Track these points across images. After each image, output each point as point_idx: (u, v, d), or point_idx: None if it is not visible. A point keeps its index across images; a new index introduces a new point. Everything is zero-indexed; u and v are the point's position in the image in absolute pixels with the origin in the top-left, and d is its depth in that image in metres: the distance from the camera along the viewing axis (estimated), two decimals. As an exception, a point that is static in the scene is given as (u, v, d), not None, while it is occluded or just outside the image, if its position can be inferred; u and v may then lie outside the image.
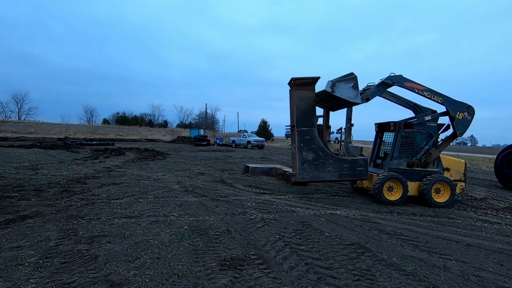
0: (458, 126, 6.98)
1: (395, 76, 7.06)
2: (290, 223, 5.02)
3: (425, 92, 6.98)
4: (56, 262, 3.20)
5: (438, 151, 7.13)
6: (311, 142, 7.08)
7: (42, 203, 5.69)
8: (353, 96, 6.78)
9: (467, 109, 6.98)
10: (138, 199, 6.38)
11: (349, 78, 6.86)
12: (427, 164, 7.17)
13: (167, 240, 3.99)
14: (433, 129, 7.23)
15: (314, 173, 7.05)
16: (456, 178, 7.28)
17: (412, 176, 7.01)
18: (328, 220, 5.32)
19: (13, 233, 4.03)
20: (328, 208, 6.23)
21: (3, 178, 8.12)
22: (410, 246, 4.18)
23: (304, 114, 7.09)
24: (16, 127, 39.07)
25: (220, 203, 6.29)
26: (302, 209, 6.08)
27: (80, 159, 13.79)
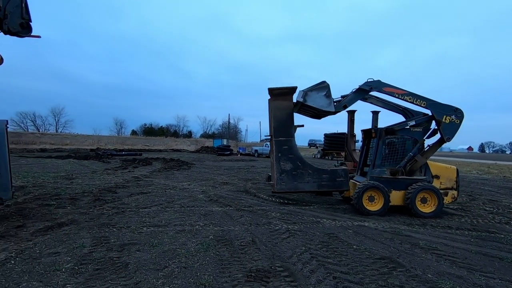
0: (445, 131, 6.57)
1: (373, 81, 6.85)
2: (316, 235, 4.90)
3: (406, 96, 6.67)
4: (90, 269, 3.34)
5: (424, 157, 6.71)
6: (289, 152, 7.00)
7: (77, 211, 6.00)
8: (325, 104, 6.71)
9: (454, 112, 6.56)
10: (165, 208, 6.55)
11: (321, 87, 6.82)
12: (413, 172, 6.74)
13: (193, 250, 4.04)
14: (418, 134, 6.78)
15: (292, 183, 6.98)
16: (448, 186, 6.75)
17: (396, 184, 6.59)
18: (356, 232, 5.14)
19: (52, 240, 4.28)
20: (355, 220, 6.01)
21: (42, 187, 8.69)
22: (446, 262, 3.91)
23: (281, 124, 7.04)
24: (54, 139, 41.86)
25: (245, 213, 6.29)
26: (328, 220, 5.93)
27: (111, 169, 14.45)
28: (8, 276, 3.11)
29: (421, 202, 6.40)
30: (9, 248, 3.89)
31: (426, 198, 6.41)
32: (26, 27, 5.59)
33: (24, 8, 5.52)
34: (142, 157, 24.32)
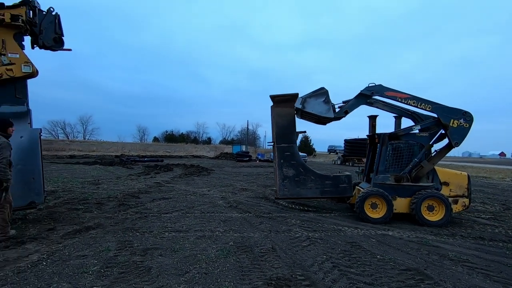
0: (453, 135, 6.30)
1: (374, 86, 6.72)
2: (337, 243, 4.79)
3: (409, 100, 6.49)
4: (115, 272, 3.45)
5: (431, 163, 6.44)
6: (291, 158, 7.02)
7: (103, 215, 6.23)
8: (324, 111, 6.73)
9: (463, 115, 6.28)
10: (185, 213, 6.65)
11: (320, 93, 6.85)
12: (419, 178, 6.50)
13: (213, 256, 4.06)
14: (424, 139, 6.54)
15: (295, 189, 7.00)
16: (458, 193, 6.38)
17: (402, 191, 6.38)
18: (379, 242, 4.96)
19: (80, 243, 4.46)
20: (379, 228, 5.81)
21: (71, 191, 9.12)
22: (479, 276, 3.68)
23: (283, 130, 7.08)
24: (81, 146, 43.97)
25: (264, 220, 6.26)
26: (349, 228, 5.77)
27: (134, 175, 14.92)
28: (40, 277, 3.27)
29: (427, 210, 6.15)
30: (41, 250, 4.10)
31: (433, 206, 6.15)
32: (59, 42, 5.96)
33: (57, 24, 5.90)
34: (164, 163, 24.94)
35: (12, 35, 5.35)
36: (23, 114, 5.39)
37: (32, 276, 3.29)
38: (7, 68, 5.22)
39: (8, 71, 5.22)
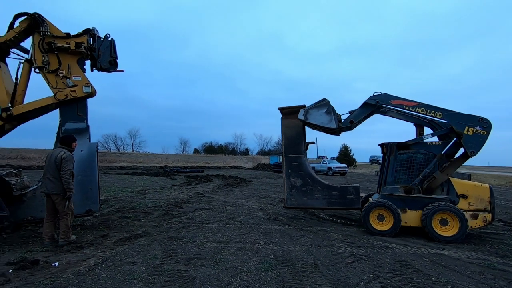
0: (468, 144, 5.84)
1: (379, 95, 6.56)
2: (385, 261, 4.47)
3: (417, 108, 6.22)
4: (162, 280, 3.59)
5: (445, 174, 6.01)
6: (299, 169, 7.16)
7: (150, 224, 6.59)
8: (326, 121, 6.75)
9: (479, 122, 5.82)
10: (226, 224, 6.76)
11: (322, 104, 6.91)
12: (433, 190, 6.08)
13: (254, 268, 4.04)
14: (436, 148, 6.15)
15: (302, 199, 7.11)
16: (478, 207, 5.81)
17: (412, 203, 6.01)
18: (433, 262, 4.53)
19: (129, 250, 4.75)
20: (432, 247, 5.32)
21: (122, 200, 9.81)
22: (561, 308, 3.16)
23: (291, 141, 7.31)
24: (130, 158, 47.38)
25: (305, 233, 6.10)
26: (398, 245, 5.37)
27: (177, 185, 15.63)
28: (96, 281, 3.53)
29: (440, 224, 5.72)
30: (97, 255, 4.44)
31: (447, 220, 5.70)
32: (114, 64, 6.57)
33: (112, 48, 6.52)
34: (204, 174, 25.78)
35: (76, 60, 6.05)
36: (83, 130, 6.00)
37: (90, 279, 3.57)
38: (71, 90, 5.89)
39: (72, 92, 5.88)
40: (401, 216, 5.98)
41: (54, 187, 4.88)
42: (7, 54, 5.98)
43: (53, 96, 5.83)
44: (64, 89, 5.86)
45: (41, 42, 5.72)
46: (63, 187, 4.87)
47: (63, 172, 4.85)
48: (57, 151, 5.03)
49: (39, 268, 3.88)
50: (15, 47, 6.00)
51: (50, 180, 4.89)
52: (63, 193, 4.90)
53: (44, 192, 4.97)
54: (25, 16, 5.68)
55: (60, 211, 4.95)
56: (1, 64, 5.86)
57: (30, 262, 3.96)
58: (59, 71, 5.85)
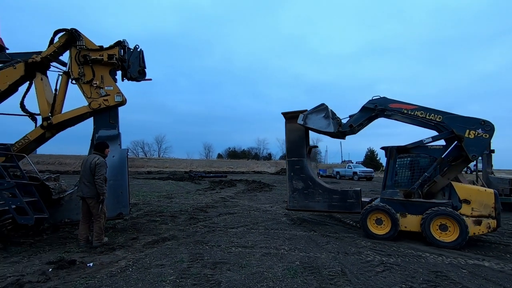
0: (469, 147, 5.66)
1: (378, 99, 6.57)
2: (418, 271, 4.24)
3: (416, 111, 6.17)
4: (189, 283, 3.66)
5: (446, 178, 5.89)
6: (301, 172, 7.36)
7: (176, 228, 6.75)
8: (324, 125, 6.89)
9: (481, 125, 5.66)
10: (250, 229, 6.76)
11: (320, 109, 7.02)
12: (433, 195, 6.00)
13: (280, 275, 4.00)
14: (437, 152, 6.05)
15: (303, 202, 7.29)
16: (482, 213, 5.56)
17: (412, 208, 5.95)
18: (472, 274, 4.23)
19: (158, 252, 4.89)
20: (470, 257, 4.97)
21: (149, 204, 10.15)
22: None
23: (293, 145, 7.55)
24: (157, 163, 49.01)
25: (331, 240, 5.96)
26: (432, 254, 5.07)
27: (202, 190, 15.91)
28: (128, 282, 3.67)
29: (440, 229, 5.62)
30: (128, 257, 4.62)
31: (447, 225, 5.58)
32: (142, 73, 6.87)
33: (141, 59, 6.83)
34: (227, 179, 26.06)
35: (108, 71, 6.40)
36: (115, 137, 6.31)
37: (121, 280, 3.71)
38: (104, 99, 6.23)
39: (105, 101, 6.22)
40: (400, 221, 5.97)
41: (89, 191, 5.16)
42: (48, 67, 6.46)
43: (88, 105, 6.20)
44: (98, 99, 6.21)
45: (77, 55, 6.13)
46: (97, 191, 5.14)
47: (97, 177, 5.12)
48: (91, 157, 5.33)
49: (75, 268, 4.09)
50: (55, 61, 6.47)
51: (85, 184, 5.19)
52: (97, 197, 5.17)
53: (80, 195, 5.27)
54: (64, 32, 6.12)
55: (94, 214, 5.21)
56: (42, 76, 6.33)
57: (68, 262, 4.20)
58: (93, 82, 6.22)
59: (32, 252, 4.82)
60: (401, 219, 5.99)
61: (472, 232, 5.55)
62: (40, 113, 6.15)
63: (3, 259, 4.47)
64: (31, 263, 4.29)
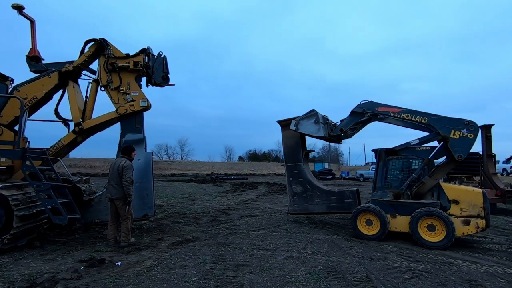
0: (455, 148, 5.76)
1: (365, 103, 6.76)
2: (450, 279, 4.02)
3: (403, 114, 6.31)
4: (212, 285, 3.70)
5: (433, 179, 6.03)
6: (299, 176, 7.57)
7: (199, 229, 6.87)
8: (315, 130, 7.06)
9: (465, 125, 5.75)
10: (272, 232, 6.74)
11: (311, 115, 7.20)
12: (422, 195, 6.13)
13: (303, 279, 3.95)
14: (425, 153, 6.18)
15: (303, 205, 7.49)
16: (471, 213, 5.63)
17: (401, 209, 6.05)
18: (511, 284, 3.94)
19: (181, 253, 5.00)
20: (509, 266, 4.64)
21: (173, 206, 10.41)
22: None
23: (291, 151, 7.80)
24: (180, 166, 50.20)
25: (355, 244, 5.80)
26: (465, 262, 4.79)
27: (223, 192, 16.09)
28: (153, 281, 3.78)
29: (428, 229, 5.69)
30: (153, 257, 4.76)
31: (434, 225, 5.64)
32: (166, 79, 7.08)
33: (164, 65, 7.05)
34: (248, 181, 26.15)
35: (134, 78, 6.66)
36: (140, 140, 6.55)
37: (147, 280, 3.83)
38: (130, 104, 6.49)
39: (131, 107, 6.48)
40: (390, 222, 6.08)
41: (116, 193, 5.39)
42: (79, 76, 6.84)
43: (115, 110, 6.49)
44: (124, 104, 6.48)
45: (105, 63, 6.44)
46: (124, 193, 5.35)
47: (124, 179, 5.34)
48: (119, 161, 5.57)
49: (104, 267, 4.28)
50: (85, 69, 6.83)
51: (113, 186, 5.42)
52: (124, 199, 5.39)
53: (108, 197, 5.51)
54: (93, 42, 6.46)
55: (122, 215, 5.43)
56: (74, 84, 6.72)
57: (98, 261, 4.40)
58: (120, 88, 6.50)
59: (66, 250, 5.10)
60: (391, 220, 6.09)
61: (461, 232, 5.61)
62: (72, 119, 6.52)
63: (40, 256, 4.76)
64: (65, 261, 4.54)
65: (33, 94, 6.24)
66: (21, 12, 6.34)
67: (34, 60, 6.59)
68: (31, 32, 6.59)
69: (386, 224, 6.00)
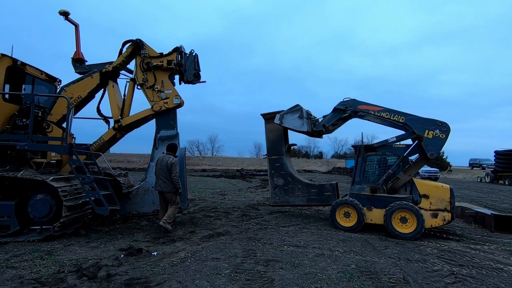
0: (428, 147, 6.27)
1: (348, 100, 7.06)
2: (499, 287, 3.69)
3: (382, 113, 6.71)
4: (243, 278, 3.75)
5: (407, 175, 6.51)
6: (281, 169, 7.78)
7: (230, 223, 6.99)
8: (299, 125, 7.24)
9: (438, 126, 6.26)
10: (302, 228, 6.66)
11: (295, 110, 7.34)
12: (396, 190, 6.61)
13: (335, 277, 3.86)
14: (400, 151, 6.65)
15: (284, 197, 7.73)
16: (439, 207, 6.13)
17: (377, 202, 6.48)
18: None
19: (213, 246, 5.12)
20: None
21: (204, 200, 10.70)
22: None
23: (273, 144, 7.95)
24: (210, 161, 51.50)
25: (390, 244, 5.55)
26: (517, 268, 4.38)
27: (253, 188, 16.22)
28: (187, 272, 3.92)
29: (400, 222, 6.11)
30: (186, 249, 4.93)
31: (406, 218, 6.08)
32: (197, 76, 7.25)
33: (196, 63, 7.21)
34: (278, 177, 26.04)
35: (168, 76, 6.91)
36: (174, 136, 6.79)
37: (181, 270, 3.98)
38: (164, 102, 6.75)
39: (165, 104, 6.73)
40: (366, 214, 6.46)
41: (166, 186, 5.90)
42: (118, 75, 7.23)
43: (150, 108, 6.78)
44: (159, 102, 6.75)
45: (141, 63, 6.74)
46: (173, 186, 5.89)
47: (173, 174, 5.86)
48: (166, 157, 6.02)
49: (142, 256, 4.52)
50: (123, 69, 7.21)
51: (163, 180, 5.90)
52: (173, 191, 5.93)
53: (159, 190, 6.02)
54: (130, 43, 6.79)
55: (172, 203, 6.01)
56: (114, 84, 7.12)
57: (136, 250, 4.65)
58: (155, 86, 6.77)
59: (107, 239, 5.46)
60: (367, 212, 6.47)
61: (430, 224, 6.05)
62: (112, 116, 6.92)
63: (85, 243, 5.15)
64: (107, 249, 4.86)
65: (78, 94, 6.72)
66: (67, 18, 6.83)
67: (79, 62, 7.07)
68: (75, 36, 7.08)
69: (363, 216, 6.39)
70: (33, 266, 3.96)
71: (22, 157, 5.95)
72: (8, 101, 5.95)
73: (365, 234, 6.26)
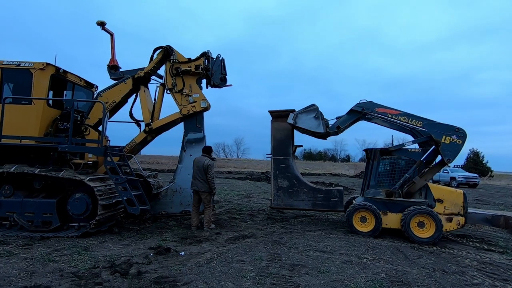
0: (445, 152, 6.21)
1: (365, 102, 6.93)
2: (550, 306, 3.35)
3: (400, 116, 6.65)
4: (268, 282, 3.73)
5: (423, 179, 6.49)
6: (286, 170, 7.47)
7: (255, 226, 7.00)
8: (314, 126, 7.01)
9: (455, 132, 6.20)
10: (328, 233, 6.51)
11: (311, 109, 7.14)
12: (412, 194, 6.54)
13: (363, 286, 3.72)
14: (416, 155, 6.59)
15: (288, 200, 7.47)
16: (453, 211, 6.12)
17: (393, 207, 6.39)
18: None
19: (238, 249, 5.16)
20: None
21: (230, 202, 10.83)
22: None
23: (280, 144, 7.61)
24: (236, 164, 52.11)
25: (424, 254, 5.25)
26: None
27: (278, 191, 16.12)
28: (213, 273, 3.97)
29: (418, 226, 6.05)
30: (212, 250, 5.01)
31: (424, 223, 6.03)
32: (224, 80, 7.40)
33: (222, 67, 7.36)
34: (303, 180, 25.69)
35: (195, 80, 7.11)
36: (201, 139, 6.97)
37: (207, 271, 4.04)
38: (192, 105, 6.95)
39: (193, 107, 6.93)
40: (382, 219, 6.27)
41: (202, 186, 6.20)
42: (149, 81, 7.57)
43: (179, 111, 7.01)
44: (187, 105, 6.97)
45: (170, 68, 7.00)
46: (209, 186, 6.19)
47: (209, 175, 6.17)
48: (202, 159, 6.29)
49: (170, 255, 4.66)
50: (154, 75, 7.53)
51: (199, 181, 6.20)
52: (209, 191, 6.24)
53: (195, 189, 6.31)
54: (160, 49, 7.08)
55: (206, 204, 6.29)
56: (145, 89, 7.46)
57: (164, 249, 4.81)
58: (183, 90, 7.00)
59: (138, 237, 5.70)
60: (383, 217, 6.33)
61: (445, 228, 6.01)
62: (144, 120, 7.25)
63: (118, 241, 5.42)
64: (138, 247, 5.07)
65: (113, 99, 7.11)
66: (103, 28, 7.28)
67: (113, 68, 7.50)
68: (111, 44, 7.51)
69: (381, 221, 6.24)
70: (72, 261, 4.23)
71: (63, 158, 6.39)
72: (51, 107, 6.44)
73: (396, 242, 5.98)
